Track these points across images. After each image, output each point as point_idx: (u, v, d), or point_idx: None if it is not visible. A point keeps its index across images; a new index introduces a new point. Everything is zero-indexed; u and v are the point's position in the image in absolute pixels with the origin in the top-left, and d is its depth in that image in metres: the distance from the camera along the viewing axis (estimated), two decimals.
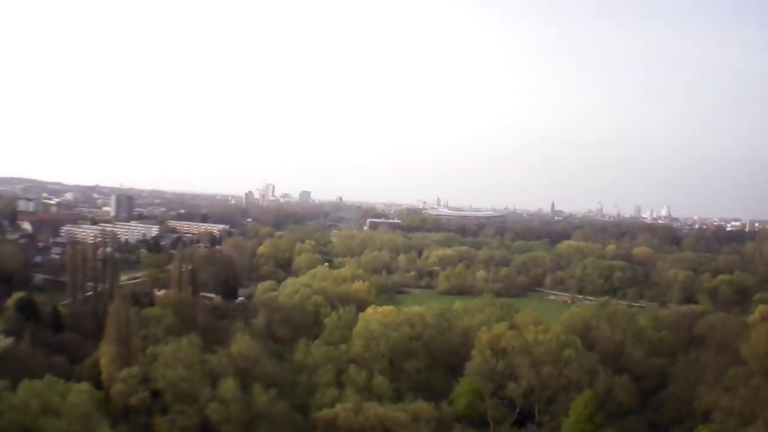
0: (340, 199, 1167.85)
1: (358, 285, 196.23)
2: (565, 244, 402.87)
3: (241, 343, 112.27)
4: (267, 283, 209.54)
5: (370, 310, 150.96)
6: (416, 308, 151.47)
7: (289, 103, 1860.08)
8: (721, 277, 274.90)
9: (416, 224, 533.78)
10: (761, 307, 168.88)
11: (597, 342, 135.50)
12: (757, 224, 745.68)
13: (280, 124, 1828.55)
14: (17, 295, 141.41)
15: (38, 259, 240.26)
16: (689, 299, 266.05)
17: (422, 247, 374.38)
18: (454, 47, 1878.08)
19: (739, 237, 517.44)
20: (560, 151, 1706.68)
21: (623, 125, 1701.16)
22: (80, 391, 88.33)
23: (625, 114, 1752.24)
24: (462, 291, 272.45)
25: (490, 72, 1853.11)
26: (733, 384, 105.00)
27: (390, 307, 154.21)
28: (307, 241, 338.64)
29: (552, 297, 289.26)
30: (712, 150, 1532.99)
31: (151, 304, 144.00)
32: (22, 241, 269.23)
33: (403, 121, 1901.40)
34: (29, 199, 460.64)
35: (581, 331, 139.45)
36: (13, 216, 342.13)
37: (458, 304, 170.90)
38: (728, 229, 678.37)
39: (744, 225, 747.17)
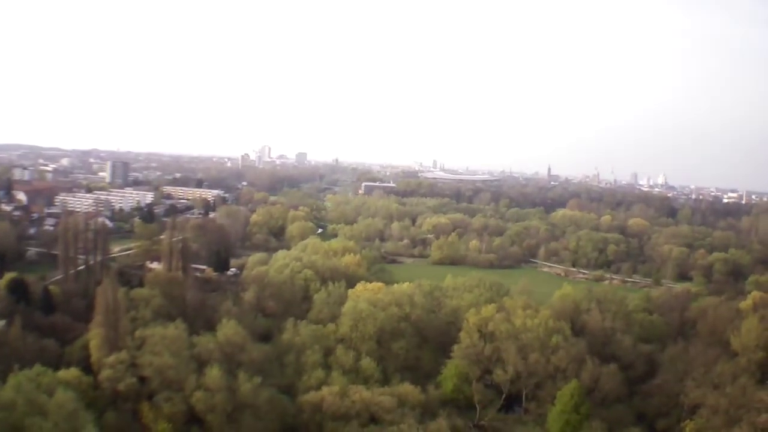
0: (336, 160, 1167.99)
1: (348, 258, 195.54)
2: (559, 213, 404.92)
3: (227, 329, 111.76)
4: (258, 256, 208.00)
5: (359, 286, 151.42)
6: (405, 286, 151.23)
7: (286, 63, 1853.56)
8: (715, 254, 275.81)
9: (411, 189, 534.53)
10: (754, 293, 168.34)
11: (586, 327, 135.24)
12: (754, 196, 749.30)
13: (278, 85, 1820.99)
14: (8, 276, 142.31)
15: (32, 231, 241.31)
16: (683, 276, 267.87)
17: (416, 213, 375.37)
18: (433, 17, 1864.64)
19: (735, 210, 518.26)
20: (558, 115, 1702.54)
21: (621, 90, 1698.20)
22: (67, 383, 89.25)
23: (623, 79, 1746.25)
24: (454, 261, 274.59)
25: (487, 36, 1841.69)
26: (721, 381, 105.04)
27: (379, 284, 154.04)
28: (301, 208, 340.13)
29: (546, 269, 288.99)
30: (711, 118, 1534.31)
31: (141, 283, 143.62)
32: (16, 213, 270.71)
33: (397, 80, 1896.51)
34: (25, 168, 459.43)
35: (571, 313, 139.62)
36: (8, 186, 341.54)
37: (448, 279, 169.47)
38: (725, 200, 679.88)
39: (741, 196, 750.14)
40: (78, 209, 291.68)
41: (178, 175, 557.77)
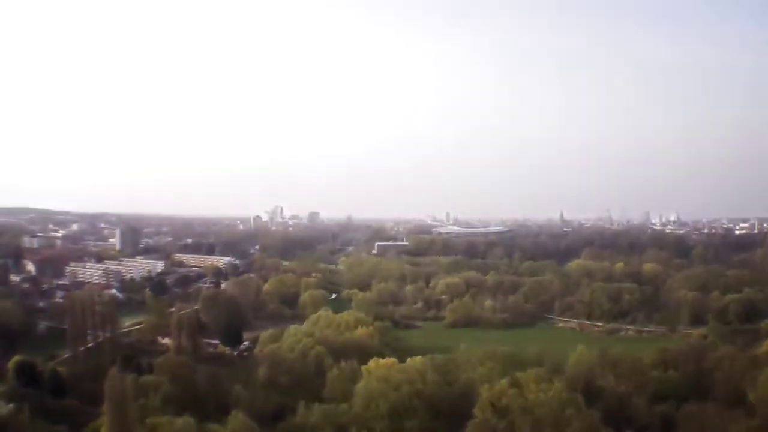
0: (350, 218, 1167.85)
1: (361, 331, 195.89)
2: (574, 264, 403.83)
3: (236, 422, 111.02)
4: (269, 332, 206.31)
5: (372, 363, 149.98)
6: (418, 361, 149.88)
7: (297, 122, 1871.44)
8: (729, 296, 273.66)
9: (425, 247, 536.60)
10: None
11: (602, 393, 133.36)
12: (765, 224, 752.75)
13: (290, 144, 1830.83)
14: (15, 359, 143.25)
15: (41, 304, 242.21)
16: (698, 320, 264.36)
17: (430, 274, 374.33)
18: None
19: (748, 243, 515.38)
20: (568, 159, 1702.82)
21: (629, 129, 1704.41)
22: None
23: (631, 117, 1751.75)
24: (469, 323, 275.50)
25: (493, 90, 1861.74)
26: None
27: (392, 360, 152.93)
28: (314, 275, 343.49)
29: (561, 324, 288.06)
30: (716, 149, 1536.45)
31: (151, 366, 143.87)
32: (25, 285, 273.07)
33: (403, 134, 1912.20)
34: (34, 235, 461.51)
35: (585, 379, 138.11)
36: (18, 254, 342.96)
37: (462, 348, 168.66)
38: (737, 232, 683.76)
39: (752, 226, 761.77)
40: (88, 280, 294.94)
41: (189, 240, 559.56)
